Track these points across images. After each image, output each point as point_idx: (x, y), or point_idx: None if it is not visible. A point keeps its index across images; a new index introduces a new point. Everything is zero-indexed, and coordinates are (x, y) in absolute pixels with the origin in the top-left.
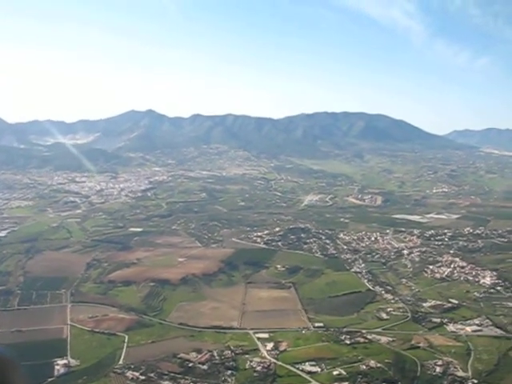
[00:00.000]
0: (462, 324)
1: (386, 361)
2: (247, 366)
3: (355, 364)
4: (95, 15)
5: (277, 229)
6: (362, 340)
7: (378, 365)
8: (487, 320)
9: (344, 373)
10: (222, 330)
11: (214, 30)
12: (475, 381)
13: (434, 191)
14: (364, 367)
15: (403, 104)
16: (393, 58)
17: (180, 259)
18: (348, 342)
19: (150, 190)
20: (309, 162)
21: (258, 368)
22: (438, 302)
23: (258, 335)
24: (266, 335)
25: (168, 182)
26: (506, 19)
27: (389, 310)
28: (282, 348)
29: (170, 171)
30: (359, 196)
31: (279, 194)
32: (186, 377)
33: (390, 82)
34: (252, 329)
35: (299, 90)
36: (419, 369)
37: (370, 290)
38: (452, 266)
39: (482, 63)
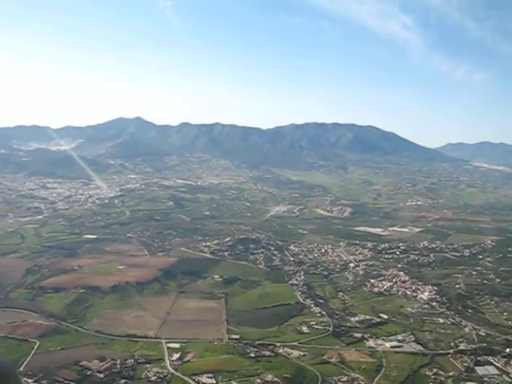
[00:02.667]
0: (383, 340)
1: (284, 375)
2: (143, 376)
3: (252, 377)
4: (86, 21)
5: (227, 239)
6: (268, 353)
7: (275, 379)
8: (411, 336)
9: None
10: (135, 339)
11: (206, 39)
12: None
13: (408, 204)
14: (259, 381)
15: (398, 116)
16: (389, 71)
17: (120, 267)
18: (253, 355)
19: (119, 198)
20: (290, 172)
21: (153, 378)
22: (368, 317)
23: (169, 345)
24: (177, 345)
25: (139, 190)
26: (504, 34)
27: (312, 323)
28: (186, 358)
29: (145, 179)
30: (328, 207)
31: (248, 204)
32: None
33: (386, 94)
34: (166, 338)
35: (293, 101)
36: None
37: (299, 302)
38: (394, 280)
39: (479, 78)
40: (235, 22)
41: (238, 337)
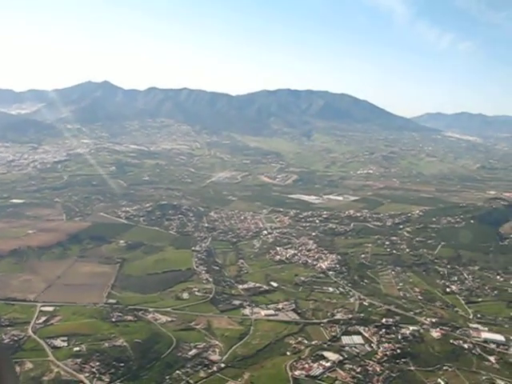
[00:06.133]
0: (260, 308)
1: (136, 340)
2: None
3: (102, 341)
4: None
5: (147, 204)
6: (130, 318)
7: (124, 344)
8: (293, 304)
9: (84, 349)
10: (13, 302)
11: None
12: (222, 365)
13: (359, 172)
14: (107, 345)
15: (378, 85)
16: (371, 39)
17: (30, 231)
18: (114, 319)
19: (63, 162)
20: (251, 138)
21: (7, 341)
22: (257, 285)
23: (43, 308)
24: (51, 309)
25: (87, 155)
26: (488, 2)
27: (194, 290)
28: (51, 322)
29: (97, 144)
30: (274, 175)
31: (193, 170)
32: None
33: (367, 62)
34: (44, 302)
35: (268, 67)
36: (170, 350)
37: (191, 269)
38: (300, 248)
39: (464, 47)
40: None
41: (114, 301)
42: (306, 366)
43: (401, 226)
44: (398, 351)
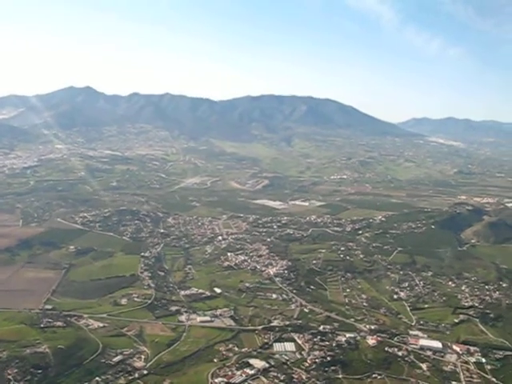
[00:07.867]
0: (197, 314)
1: (59, 346)
2: None
3: (25, 348)
4: None
5: (106, 210)
6: (59, 324)
7: (46, 350)
8: (231, 311)
9: (5, 356)
10: None
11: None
12: (145, 372)
13: (332, 177)
14: (28, 351)
15: (364, 91)
16: (361, 44)
17: None
18: (43, 325)
19: (33, 168)
20: (229, 144)
21: None
22: (200, 291)
23: None
24: None
25: (58, 160)
26: (476, 8)
27: (134, 295)
28: None
29: (71, 149)
30: (244, 180)
31: (164, 175)
32: None
33: (354, 68)
34: None
35: (253, 73)
36: (94, 357)
37: (135, 275)
38: (251, 254)
39: (453, 53)
40: None
41: (51, 307)
42: (229, 373)
43: (360, 232)
44: (329, 359)
